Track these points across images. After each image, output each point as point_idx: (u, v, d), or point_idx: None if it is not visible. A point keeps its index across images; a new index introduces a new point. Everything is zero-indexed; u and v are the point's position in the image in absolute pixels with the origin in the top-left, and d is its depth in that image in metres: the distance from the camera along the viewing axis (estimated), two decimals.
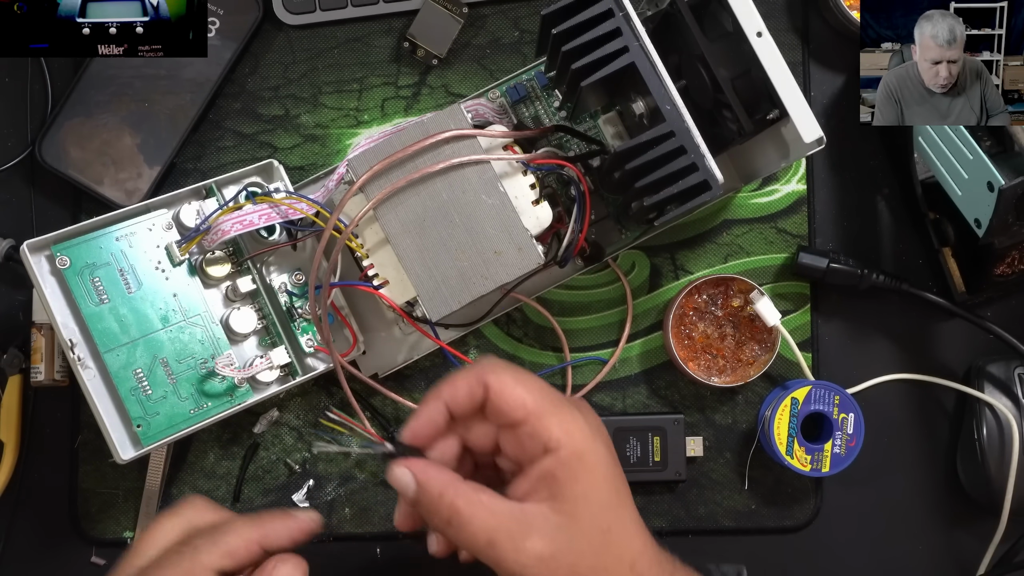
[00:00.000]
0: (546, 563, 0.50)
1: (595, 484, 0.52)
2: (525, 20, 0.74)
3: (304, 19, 0.74)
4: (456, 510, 0.51)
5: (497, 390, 0.52)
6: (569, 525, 0.51)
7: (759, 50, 0.60)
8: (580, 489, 0.51)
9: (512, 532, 0.51)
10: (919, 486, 0.75)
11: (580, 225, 0.65)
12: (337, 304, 0.68)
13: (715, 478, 0.74)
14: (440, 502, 0.51)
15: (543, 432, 0.51)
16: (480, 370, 0.53)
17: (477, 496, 0.51)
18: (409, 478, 0.52)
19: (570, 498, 0.51)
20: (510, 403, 0.52)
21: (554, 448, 0.51)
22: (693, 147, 0.58)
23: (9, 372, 0.72)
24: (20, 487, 0.73)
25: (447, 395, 0.53)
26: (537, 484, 0.52)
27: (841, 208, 0.75)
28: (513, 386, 0.52)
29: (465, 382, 0.53)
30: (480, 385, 0.52)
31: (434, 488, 0.52)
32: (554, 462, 0.51)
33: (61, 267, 0.64)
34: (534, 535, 0.51)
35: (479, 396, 0.53)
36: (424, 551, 0.74)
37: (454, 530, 0.51)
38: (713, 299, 0.72)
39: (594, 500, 0.52)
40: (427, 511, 0.52)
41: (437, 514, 0.51)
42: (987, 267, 0.71)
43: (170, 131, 0.72)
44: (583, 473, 0.52)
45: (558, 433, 0.51)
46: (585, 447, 0.52)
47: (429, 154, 0.62)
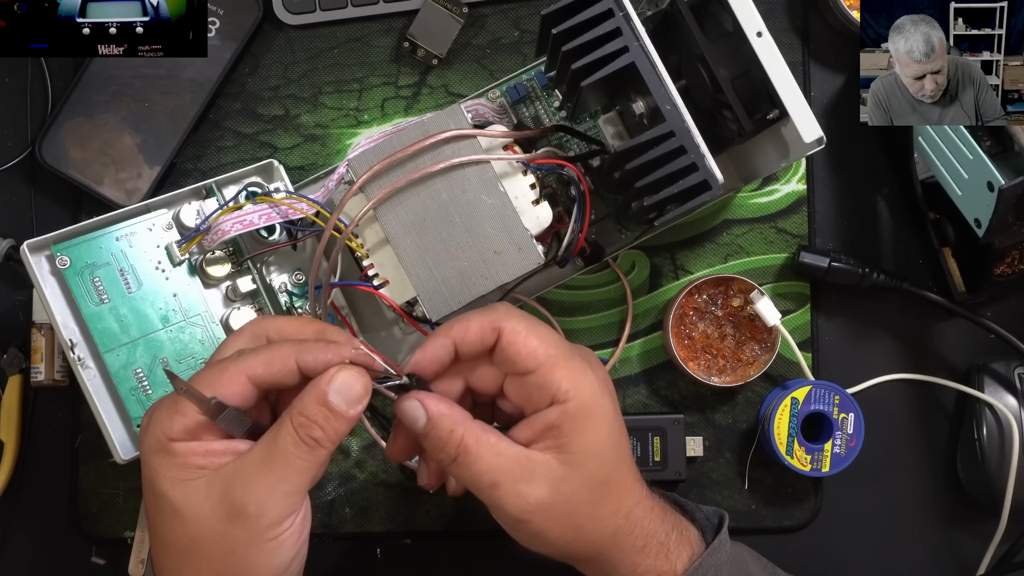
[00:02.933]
0: (544, 510, 0.52)
1: (599, 439, 0.53)
2: (525, 20, 0.74)
3: (304, 19, 0.74)
4: (465, 448, 0.51)
5: (510, 338, 0.53)
6: (571, 476, 0.52)
7: (759, 50, 0.60)
8: (585, 443, 0.52)
9: (516, 476, 0.51)
10: (919, 486, 0.75)
11: (580, 225, 0.65)
12: (337, 304, 0.68)
13: (715, 478, 0.74)
14: (450, 438, 0.52)
15: (552, 384, 0.52)
16: (495, 315, 0.53)
17: (486, 436, 0.52)
18: (420, 411, 0.52)
19: (574, 450, 0.52)
20: (522, 352, 0.52)
21: (562, 400, 0.52)
22: (693, 147, 0.58)
23: (9, 372, 0.72)
24: (20, 487, 0.73)
25: (457, 334, 0.53)
26: (541, 433, 0.52)
27: (841, 208, 0.75)
28: (527, 335, 0.53)
29: (478, 324, 0.53)
30: (493, 330, 0.53)
31: (445, 424, 0.52)
32: (561, 414, 0.52)
33: (61, 267, 0.64)
34: (536, 482, 0.51)
35: (490, 341, 0.53)
36: (424, 551, 0.74)
37: (459, 467, 0.52)
38: (713, 299, 0.72)
39: (597, 454, 0.53)
40: (434, 446, 0.52)
41: (444, 450, 0.52)
42: (987, 267, 0.71)
43: (170, 131, 0.72)
44: (589, 427, 0.52)
45: (567, 386, 0.52)
46: (592, 402, 0.53)
47: (429, 154, 0.61)
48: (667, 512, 0.57)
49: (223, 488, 0.50)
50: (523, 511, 0.52)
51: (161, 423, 0.51)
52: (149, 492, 0.51)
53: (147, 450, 0.51)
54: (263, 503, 0.50)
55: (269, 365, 0.51)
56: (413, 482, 0.73)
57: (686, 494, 0.73)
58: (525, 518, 0.52)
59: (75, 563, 0.74)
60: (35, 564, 0.74)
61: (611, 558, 0.54)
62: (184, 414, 0.51)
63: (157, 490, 0.51)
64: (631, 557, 0.54)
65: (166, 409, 0.51)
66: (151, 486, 0.51)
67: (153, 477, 0.51)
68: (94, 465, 0.73)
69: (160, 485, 0.50)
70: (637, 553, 0.55)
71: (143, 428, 0.52)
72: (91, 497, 0.73)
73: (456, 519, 0.74)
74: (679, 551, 0.56)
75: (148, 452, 0.51)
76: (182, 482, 0.50)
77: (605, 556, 0.54)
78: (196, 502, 0.50)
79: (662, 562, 0.55)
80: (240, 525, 0.50)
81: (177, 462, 0.50)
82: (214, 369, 0.52)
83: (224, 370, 0.51)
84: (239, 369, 0.51)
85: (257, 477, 0.50)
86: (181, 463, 0.50)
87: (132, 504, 0.73)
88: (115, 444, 0.64)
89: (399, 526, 0.74)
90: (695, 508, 0.60)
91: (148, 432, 0.52)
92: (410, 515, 0.74)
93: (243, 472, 0.50)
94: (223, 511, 0.50)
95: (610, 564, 0.55)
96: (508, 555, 0.74)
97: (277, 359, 0.52)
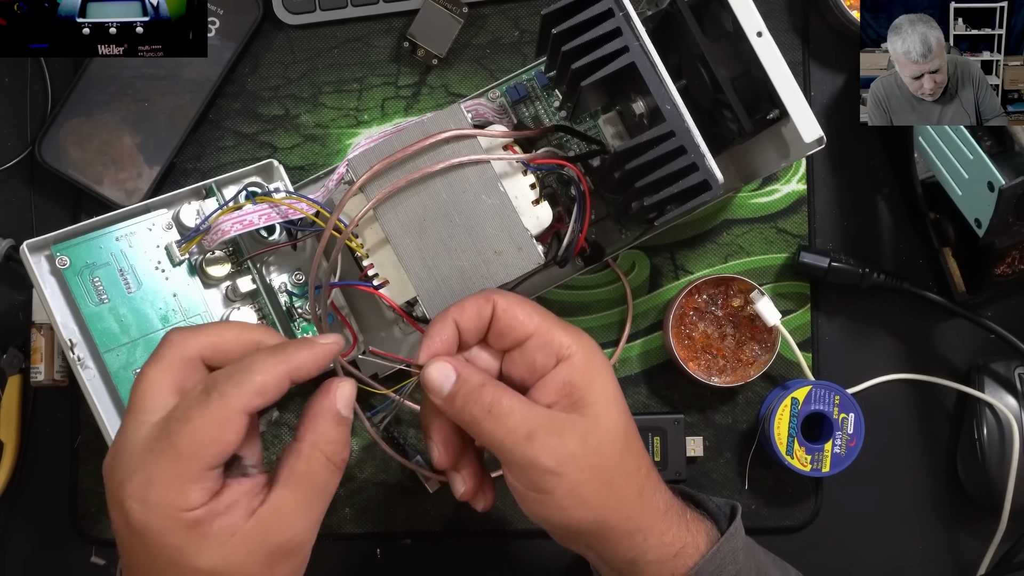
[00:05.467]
0: (578, 461, 0.52)
1: (611, 389, 0.54)
2: (525, 20, 0.74)
3: (304, 19, 0.74)
4: (498, 400, 0.52)
5: (504, 307, 0.54)
6: (595, 427, 0.53)
7: (759, 50, 0.60)
8: (600, 393, 0.54)
9: (548, 428, 0.52)
10: (919, 486, 0.75)
11: (580, 225, 0.65)
12: (337, 304, 0.68)
13: (715, 478, 0.74)
14: (482, 391, 0.52)
15: (554, 340, 0.54)
16: (485, 294, 0.55)
17: (515, 394, 0.53)
18: (449, 370, 0.53)
19: (591, 402, 0.53)
20: (519, 317, 0.54)
21: (568, 354, 0.53)
22: (693, 147, 0.58)
23: (9, 372, 0.72)
24: (20, 487, 0.73)
25: (455, 314, 0.54)
26: (557, 394, 0.53)
27: (841, 208, 0.75)
28: (519, 304, 0.55)
29: (472, 301, 0.54)
30: (488, 303, 0.54)
31: (476, 378, 0.53)
32: (569, 369, 0.53)
33: (61, 267, 0.64)
34: (567, 434, 0.52)
35: (487, 314, 0.54)
36: (424, 551, 0.74)
37: (494, 421, 0.52)
38: (713, 299, 0.72)
39: (614, 403, 0.54)
40: (464, 402, 0.52)
41: (478, 403, 0.52)
42: (987, 267, 0.71)
43: (170, 131, 0.72)
44: (598, 379, 0.54)
45: (567, 340, 0.54)
46: (595, 354, 0.54)
47: (429, 154, 0.61)
48: (674, 489, 0.58)
49: (262, 535, 0.48)
50: (560, 461, 0.51)
51: (171, 500, 0.46)
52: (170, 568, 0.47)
53: (158, 532, 0.46)
54: (305, 539, 0.50)
55: (264, 394, 0.48)
56: (413, 482, 0.73)
57: None
58: (561, 469, 0.51)
59: (75, 563, 0.74)
60: (35, 564, 0.74)
61: (640, 523, 0.54)
62: (196, 479, 0.47)
63: (187, 566, 0.47)
64: (657, 522, 0.55)
65: (170, 484, 0.46)
66: (174, 565, 0.47)
67: (176, 558, 0.47)
68: (94, 465, 0.73)
69: (192, 562, 0.47)
70: (661, 517, 0.55)
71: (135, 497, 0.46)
72: (91, 497, 0.73)
73: (456, 519, 0.74)
74: (697, 527, 0.57)
75: (161, 533, 0.46)
76: (215, 549, 0.47)
77: (634, 521, 0.54)
78: (238, 561, 0.47)
79: (684, 533, 0.56)
80: (287, 563, 0.49)
81: (202, 532, 0.47)
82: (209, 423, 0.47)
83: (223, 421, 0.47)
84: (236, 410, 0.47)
85: (299, 515, 0.49)
86: (209, 533, 0.47)
87: None
88: None
89: (399, 526, 0.74)
90: (706, 498, 0.60)
91: (152, 510, 0.46)
92: (410, 515, 0.74)
93: (282, 516, 0.49)
94: (267, 559, 0.48)
95: (639, 531, 0.54)
96: (508, 555, 0.74)
97: (271, 384, 0.48)
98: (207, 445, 0.47)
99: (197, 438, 0.47)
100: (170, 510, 0.46)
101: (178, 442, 0.46)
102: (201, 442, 0.47)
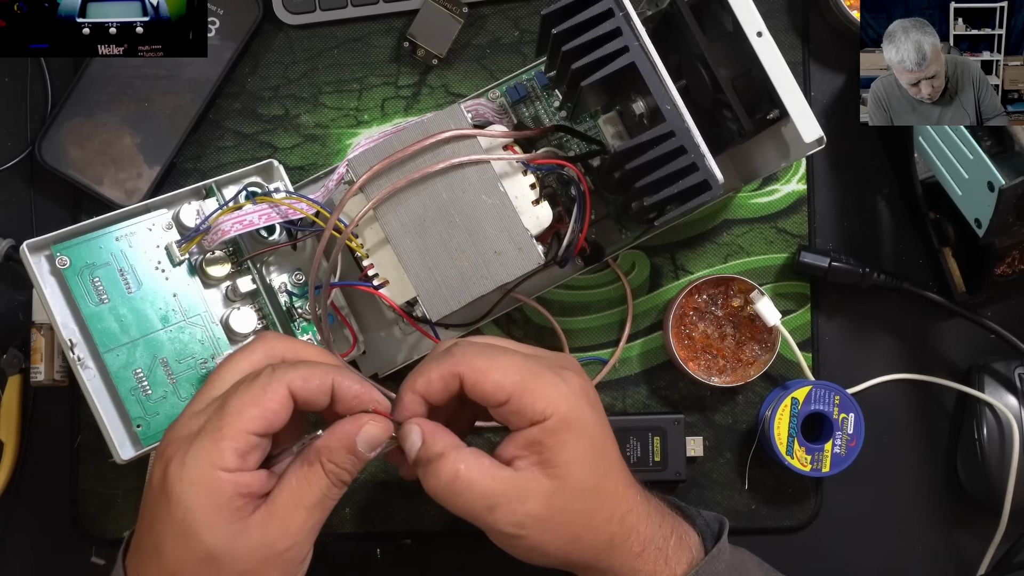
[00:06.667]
0: (540, 523, 0.52)
1: (582, 449, 0.53)
2: (525, 20, 0.74)
3: (304, 19, 0.74)
4: (454, 473, 0.52)
5: (472, 380, 0.53)
6: (561, 489, 0.53)
7: (759, 50, 0.60)
8: (569, 455, 0.53)
9: (511, 497, 0.52)
10: (919, 486, 0.75)
11: (580, 225, 0.65)
12: (337, 304, 0.68)
13: (715, 478, 0.74)
14: (441, 464, 0.52)
15: (527, 408, 0.53)
16: (451, 360, 0.53)
17: (477, 461, 0.53)
18: (418, 432, 0.53)
19: (559, 463, 0.53)
20: (487, 390, 0.53)
21: (540, 420, 0.53)
22: (693, 147, 0.58)
23: (9, 372, 0.72)
24: (20, 487, 0.73)
25: (422, 390, 0.54)
26: (524, 451, 0.53)
27: (841, 208, 0.75)
28: (487, 371, 0.53)
29: (438, 374, 0.54)
30: (455, 378, 0.53)
31: (436, 448, 0.53)
32: (540, 432, 0.53)
33: (61, 267, 0.64)
34: (530, 499, 0.52)
35: (455, 388, 0.54)
36: (424, 551, 0.74)
37: (452, 494, 0.52)
38: (713, 299, 0.72)
39: (582, 463, 0.53)
40: (424, 472, 0.53)
41: (435, 475, 0.52)
42: (987, 267, 0.71)
43: (170, 131, 0.72)
44: (570, 439, 0.53)
45: (542, 406, 0.53)
46: (571, 414, 0.53)
47: (429, 154, 0.61)
48: (665, 516, 0.57)
49: (261, 531, 0.50)
50: (519, 526, 0.52)
51: (206, 453, 0.50)
52: (178, 536, 0.50)
53: (187, 487, 0.49)
54: (301, 543, 0.51)
55: (307, 381, 0.51)
56: (414, 482, 0.73)
57: (686, 494, 0.73)
58: (522, 533, 0.52)
59: (75, 563, 0.74)
60: (35, 564, 0.74)
61: (610, 564, 0.55)
62: (234, 438, 0.50)
63: (193, 536, 0.49)
64: (630, 562, 0.55)
65: (209, 438, 0.50)
66: (185, 529, 0.49)
67: (190, 520, 0.49)
68: (94, 465, 0.73)
69: (200, 532, 0.49)
70: (635, 558, 0.55)
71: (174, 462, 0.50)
72: (91, 497, 0.73)
73: (456, 519, 0.73)
74: (678, 556, 0.56)
75: (188, 489, 0.49)
76: (223, 527, 0.49)
77: (604, 563, 0.55)
78: (236, 547, 0.50)
79: (661, 567, 0.55)
80: (279, 566, 0.51)
81: (220, 503, 0.49)
82: (254, 386, 0.51)
83: (267, 386, 0.51)
84: (281, 381, 0.51)
85: (294, 519, 0.51)
86: (225, 505, 0.49)
87: (132, 504, 0.73)
88: (115, 444, 0.64)
89: (399, 526, 0.74)
90: (696, 513, 0.60)
91: (187, 467, 0.50)
92: (410, 515, 0.74)
93: (280, 515, 0.51)
94: (262, 554, 0.50)
95: (610, 570, 0.55)
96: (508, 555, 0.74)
97: (315, 376, 0.52)
98: (248, 406, 0.50)
99: (241, 400, 0.50)
100: (204, 467, 0.49)
101: (226, 402, 0.51)
102: (243, 403, 0.50)
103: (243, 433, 0.50)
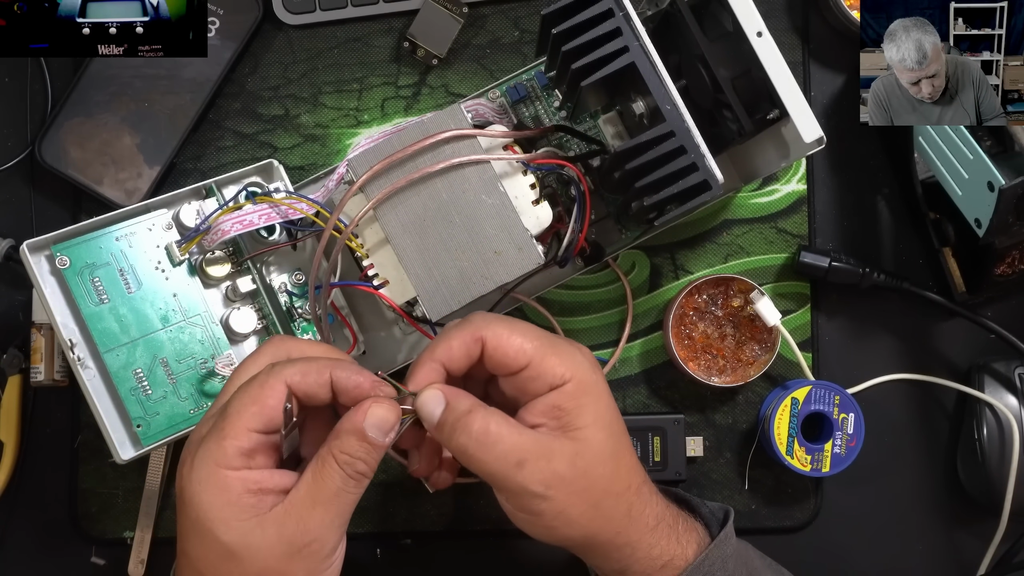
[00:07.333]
0: (567, 484, 0.52)
1: (600, 413, 0.54)
2: (525, 20, 0.74)
3: (304, 19, 0.74)
4: (486, 427, 0.52)
5: (494, 344, 0.54)
6: (584, 451, 0.53)
7: (759, 50, 0.60)
8: (589, 418, 0.54)
9: (539, 454, 0.52)
10: (919, 486, 0.75)
11: (580, 225, 0.65)
12: (337, 304, 0.68)
13: (715, 478, 0.74)
14: (470, 419, 0.52)
15: (548, 372, 0.53)
16: (474, 327, 0.54)
17: (505, 419, 0.53)
18: (440, 397, 0.53)
19: (580, 425, 0.53)
20: (510, 354, 0.53)
21: (560, 384, 0.53)
22: (693, 147, 0.58)
23: (9, 372, 0.72)
24: (20, 487, 0.73)
25: (443, 356, 0.54)
26: (544, 417, 0.53)
27: (841, 208, 0.75)
28: (509, 336, 0.54)
29: (460, 341, 0.54)
30: (476, 342, 0.54)
31: (463, 406, 0.53)
32: (559, 396, 0.53)
33: (61, 267, 0.64)
34: (556, 458, 0.52)
35: (476, 353, 0.54)
36: (424, 551, 0.74)
37: (481, 448, 0.52)
38: (713, 299, 0.72)
39: (602, 427, 0.54)
40: (453, 430, 0.52)
41: (466, 431, 0.52)
42: (987, 267, 0.71)
43: (170, 131, 0.72)
44: (589, 403, 0.54)
45: (562, 371, 0.53)
46: (588, 379, 0.54)
47: (429, 154, 0.61)
48: (670, 501, 0.58)
49: (278, 528, 0.50)
50: (547, 485, 0.52)
51: (211, 453, 0.51)
52: (196, 535, 0.51)
53: (196, 487, 0.51)
54: (322, 538, 0.51)
55: (305, 375, 0.52)
56: (413, 482, 0.73)
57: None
58: (550, 494, 0.52)
59: (75, 563, 0.74)
60: (35, 564, 0.74)
61: (628, 539, 0.55)
62: (235, 436, 0.51)
63: (208, 533, 0.50)
64: (646, 537, 0.55)
65: (213, 439, 0.51)
66: (201, 528, 0.51)
67: (203, 519, 0.50)
68: (94, 465, 0.73)
69: (214, 529, 0.50)
70: (650, 532, 0.55)
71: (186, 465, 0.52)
72: (91, 497, 0.73)
73: (456, 519, 0.74)
74: (688, 537, 0.57)
75: (197, 489, 0.51)
76: (237, 523, 0.50)
77: (623, 537, 0.55)
78: (254, 543, 0.50)
79: (674, 545, 0.56)
80: (300, 561, 0.51)
81: (231, 500, 0.50)
82: (253, 384, 0.52)
83: (264, 383, 0.52)
84: (278, 378, 0.52)
85: (312, 514, 0.51)
86: (235, 502, 0.50)
87: (132, 504, 0.73)
88: (115, 444, 0.64)
89: (399, 526, 0.74)
90: (700, 503, 0.60)
91: (195, 468, 0.51)
92: (410, 515, 0.74)
93: (296, 512, 0.51)
94: (282, 550, 0.50)
95: (627, 545, 0.55)
96: (508, 555, 0.74)
97: (313, 370, 0.52)
98: (248, 404, 0.51)
99: (241, 400, 0.51)
100: (209, 465, 0.51)
101: (228, 403, 0.52)
102: (243, 403, 0.51)
103: (244, 431, 0.51)
